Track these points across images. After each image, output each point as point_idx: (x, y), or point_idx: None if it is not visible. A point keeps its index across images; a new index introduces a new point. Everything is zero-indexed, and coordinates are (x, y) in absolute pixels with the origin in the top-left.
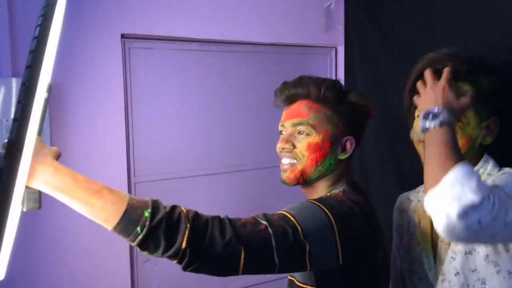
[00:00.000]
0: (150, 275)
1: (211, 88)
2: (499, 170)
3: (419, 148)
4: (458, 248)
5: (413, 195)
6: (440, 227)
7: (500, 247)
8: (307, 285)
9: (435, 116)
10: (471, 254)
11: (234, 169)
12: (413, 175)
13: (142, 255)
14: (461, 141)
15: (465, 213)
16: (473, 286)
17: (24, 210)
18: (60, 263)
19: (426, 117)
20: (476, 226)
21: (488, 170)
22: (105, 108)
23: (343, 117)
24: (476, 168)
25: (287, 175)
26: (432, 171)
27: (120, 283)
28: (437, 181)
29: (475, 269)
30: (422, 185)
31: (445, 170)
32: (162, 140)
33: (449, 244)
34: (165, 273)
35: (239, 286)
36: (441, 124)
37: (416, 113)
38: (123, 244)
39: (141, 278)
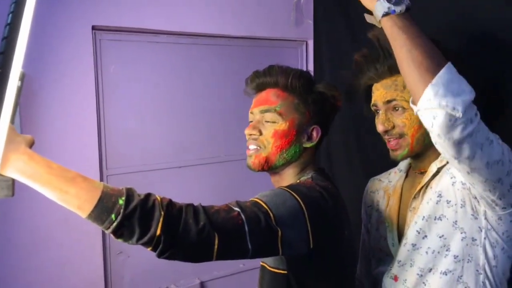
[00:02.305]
0: (123, 267)
1: (183, 81)
2: None
3: (386, 140)
4: (427, 214)
5: (384, 176)
6: (438, 124)
7: (469, 213)
8: (279, 269)
9: None
10: (440, 220)
11: (206, 161)
12: (378, 165)
13: (115, 248)
14: (410, 131)
15: (468, 107)
16: (438, 252)
17: None
18: (30, 256)
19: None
20: (476, 121)
21: None
22: (76, 100)
23: (309, 106)
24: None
25: (252, 160)
26: (421, 67)
27: (93, 276)
28: (429, 77)
29: (442, 235)
30: (394, 168)
31: (434, 66)
32: (134, 133)
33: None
34: (138, 265)
35: (212, 276)
36: (408, 8)
37: (373, 108)
38: (95, 236)
39: (114, 271)
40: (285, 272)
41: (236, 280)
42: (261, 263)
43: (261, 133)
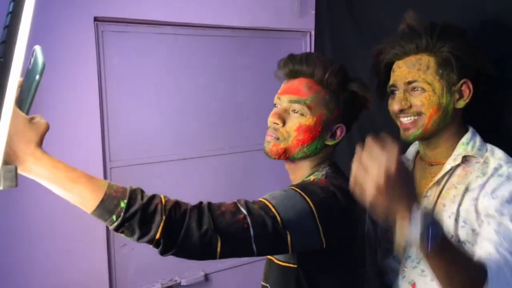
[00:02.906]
0: (128, 259)
1: (187, 72)
2: (486, 149)
3: (398, 121)
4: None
5: None
6: None
7: None
8: (289, 263)
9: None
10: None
11: (211, 154)
12: None
13: (119, 240)
14: (428, 111)
15: None
16: None
17: (1, 188)
18: (34, 247)
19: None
20: None
21: (477, 145)
22: (79, 92)
23: (340, 104)
24: (463, 141)
25: (269, 147)
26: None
27: (97, 267)
28: None
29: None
30: (405, 155)
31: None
32: (138, 125)
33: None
34: (143, 257)
35: (216, 269)
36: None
37: (391, 88)
38: (99, 228)
39: (118, 263)
40: (295, 266)
41: (241, 272)
42: (267, 257)
43: (284, 123)
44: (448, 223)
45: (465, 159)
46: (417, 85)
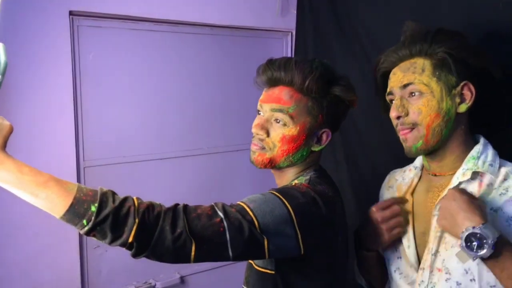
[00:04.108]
0: (101, 261)
1: (165, 70)
2: (500, 161)
3: (398, 133)
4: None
5: (399, 174)
6: None
7: None
8: (267, 269)
9: (477, 238)
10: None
11: (189, 153)
12: (364, 160)
13: (92, 242)
14: (425, 120)
15: None
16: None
17: None
18: (5, 247)
19: (468, 243)
20: None
21: (489, 160)
22: (52, 89)
23: (323, 109)
24: (473, 154)
25: (255, 157)
26: None
27: (69, 269)
28: None
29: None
30: (409, 165)
31: None
32: (113, 123)
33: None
34: (116, 259)
35: (193, 271)
36: (494, 245)
37: (389, 97)
38: (72, 229)
39: (91, 264)
40: (273, 272)
41: (218, 275)
42: (248, 261)
43: (268, 134)
44: None
45: (477, 175)
46: (413, 88)
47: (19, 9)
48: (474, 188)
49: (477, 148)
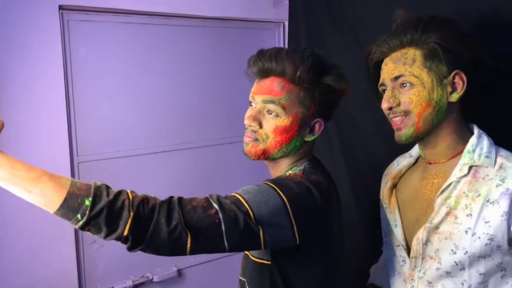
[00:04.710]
0: (97, 256)
1: (157, 63)
2: (496, 153)
3: (391, 122)
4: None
5: (396, 160)
6: None
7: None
8: (263, 259)
9: None
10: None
11: (182, 147)
12: (359, 150)
13: (88, 237)
14: (417, 109)
15: None
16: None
17: None
18: (1, 245)
19: None
20: None
21: (485, 152)
22: (44, 84)
23: (315, 99)
24: (468, 148)
25: (248, 149)
26: None
27: (66, 265)
28: None
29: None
30: (407, 152)
31: None
32: (106, 117)
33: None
34: (113, 254)
35: (190, 264)
36: None
37: (381, 88)
38: (67, 225)
39: (88, 260)
40: (269, 263)
41: (215, 267)
42: (244, 252)
43: (261, 126)
44: (464, 238)
45: (473, 168)
46: (404, 80)
47: (7, 4)
48: (469, 182)
49: (472, 141)
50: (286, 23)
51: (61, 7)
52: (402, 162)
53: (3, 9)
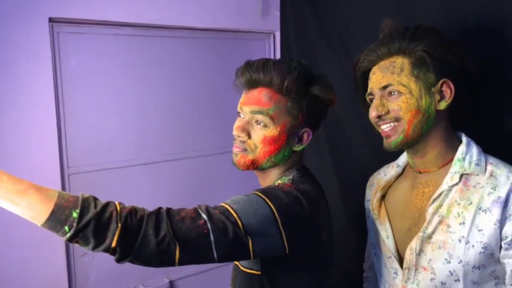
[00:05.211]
0: (88, 268)
1: (147, 74)
2: (485, 161)
3: (379, 129)
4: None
5: (383, 169)
6: None
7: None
8: (253, 269)
9: None
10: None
11: (174, 158)
12: (349, 160)
13: (80, 249)
14: (407, 116)
15: None
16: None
17: None
18: None
19: None
20: None
21: (474, 159)
22: (33, 96)
23: (303, 109)
24: (458, 156)
25: (237, 159)
26: None
27: (56, 277)
28: None
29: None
30: (393, 162)
31: None
32: (97, 129)
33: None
34: (104, 265)
35: (182, 275)
36: None
37: (369, 97)
38: (58, 237)
39: (79, 271)
40: (259, 273)
41: (207, 278)
42: (234, 262)
43: (249, 136)
44: (457, 247)
45: (464, 176)
46: (392, 89)
47: None
48: (461, 190)
49: (461, 149)
50: (276, 34)
51: (51, 20)
52: (389, 172)
53: None
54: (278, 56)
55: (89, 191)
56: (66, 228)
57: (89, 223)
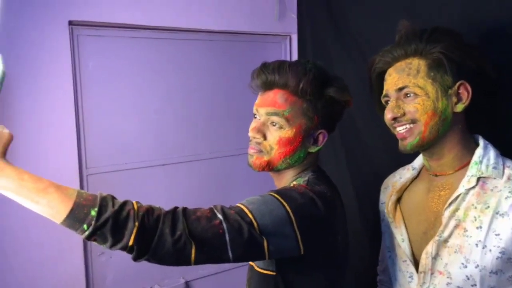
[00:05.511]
0: (106, 268)
1: (165, 76)
2: (503, 164)
3: (394, 132)
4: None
5: (398, 172)
6: None
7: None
8: (268, 270)
9: None
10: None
11: (190, 159)
12: (364, 162)
13: (97, 248)
14: (423, 118)
15: None
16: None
17: None
18: (8, 257)
19: None
20: None
21: (492, 163)
22: (53, 98)
23: (319, 111)
24: (475, 159)
25: (252, 160)
26: None
27: (74, 276)
28: None
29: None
30: (408, 165)
31: None
32: (115, 130)
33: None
34: (121, 265)
35: (197, 275)
36: None
37: (384, 99)
38: (76, 236)
39: (96, 271)
40: (274, 273)
41: (222, 279)
42: (249, 263)
43: (265, 138)
44: (474, 251)
45: (481, 180)
46: (408, 90)
47: (18, 20)
48: (478, 193)
49: (478, 152)
50: (293, 36)
51: (70, 23)
52: (405, 174)
53: (14, 24)
54: (294, 58)
55: (107, 191)
56: (85, 226)
57: (107, 222)
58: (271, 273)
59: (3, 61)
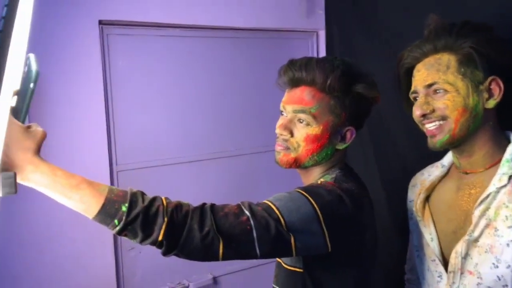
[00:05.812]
0: (135, 263)
1: (193, 74)
2: None
3: (423, 129)
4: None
5: (427, 170)
6: None
7: None
8: (295, 267)
9: None
10: None
11: (217, 156)
12: (393, 159)
13: (127, 244)
14: (454, 114)
15: None
16: None
17: (0, 195)
18: (43, 253)
19: None
20: None
21: None
22: (84, 96)
23: (346, 107)
24: (507, 157)
25: (280, 157)
26: None
27: (105, 271)
28: None
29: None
30: (437, 162)
31: None
32: (144, 127)
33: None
34: (150, 261)
35: (225, 271)
36: None
37: (413, 96)
38: (107, 232)
39: (126, 266)
40: (301, 270)
41: (250, 275)
42: (277, 260)
43: (292, 135)
44: (506, 251)
45: None
46: (438, 87)
47: (50, 20)
48: (509, 192)
49: (510, 149)
50: (320, 32)
51: (101, 22)
52: (434, 172)
53: (45, 25)
54: (321, 55)
55: (136, 187)
56: (116, 221)
57: (137, 217)
58: (299, 270)
59: (37, 61)
